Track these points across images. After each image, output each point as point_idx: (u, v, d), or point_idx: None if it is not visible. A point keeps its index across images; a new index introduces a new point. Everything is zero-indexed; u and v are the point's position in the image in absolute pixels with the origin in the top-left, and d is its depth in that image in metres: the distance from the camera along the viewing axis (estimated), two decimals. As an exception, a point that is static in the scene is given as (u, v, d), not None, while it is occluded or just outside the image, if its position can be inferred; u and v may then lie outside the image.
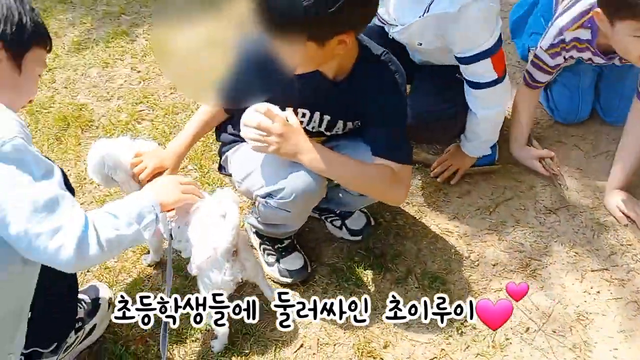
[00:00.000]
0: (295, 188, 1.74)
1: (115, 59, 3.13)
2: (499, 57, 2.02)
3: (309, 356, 1.86)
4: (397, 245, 2.18)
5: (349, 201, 1.99)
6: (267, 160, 1.83)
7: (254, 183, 1.84)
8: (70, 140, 2.62)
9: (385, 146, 1.76)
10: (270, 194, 1.78)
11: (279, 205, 1.79)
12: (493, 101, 2.14)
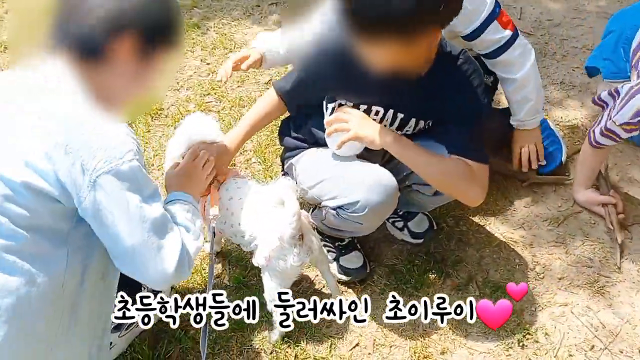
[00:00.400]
0: (369, 202, 1.72)
1: (186, 50, 3.20)
2: (502, 16, 2.01)
3: (364, 356, 1.85)
4: (459, 252, 2.14)
5: (421, 201, 1.96)
6: (340, 171, 1.83)
7: (325, 192, 1.83)
8: (140, 126, 2.70)
9: (462, 145, 1.73)
10: (342, 206, 1.78)
11: (351, 218, 1.78)
12: (521, 57, 2.09)
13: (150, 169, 2.49)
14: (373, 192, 1.72)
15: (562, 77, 2.88)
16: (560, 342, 1.86)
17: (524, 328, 1.89)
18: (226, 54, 3.15)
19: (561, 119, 2.65)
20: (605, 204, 2.19)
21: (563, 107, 2.71)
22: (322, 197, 1.84)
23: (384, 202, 1.74)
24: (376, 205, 1.73)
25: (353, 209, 1.74)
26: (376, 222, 1.86)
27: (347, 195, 1.74)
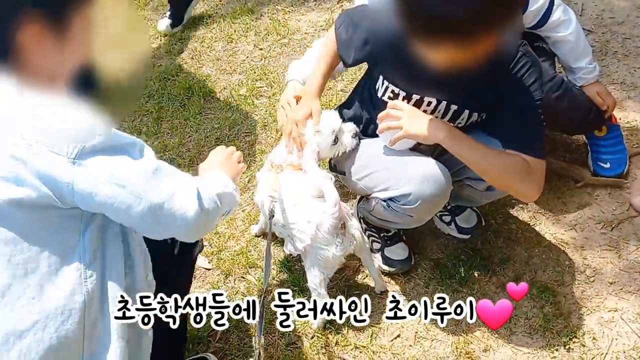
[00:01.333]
0: (421, 195, 1.71)
1: (239, 35, 3.23)
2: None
3: (405, 347, 1.84)
4: (507, 250, 2.10)
5: (473, 196, 1.94)
6: (392, 163, 1.81)
7: (376, 184, 1.82)
8: (193, 108, 2.75)
9: (518, 138, 1.68)
10: (393, 198, 1.77)
11: (401, 210, 1.77)
12: (565, 15, 2.12)
13: (200, 150, 2.54)
14: (425, 184, 1.70)
15: (622, 77, 2.77)
16: (608, 347, 1.81)
17: (571, 331, 1.85)
18: (279, 40, 3.16)
19: (620, 120, 2.55)
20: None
21: (622, 108, 2.62)
22: (373, 189, 1.83)
23: (437, 195, 1.72)
24: (428, 198, 1.71)
25: (405, 201, 1.73)
26: (427, 215, 1.85)
27: (400, 187, 1.74)
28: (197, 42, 3.20)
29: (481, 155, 1.68)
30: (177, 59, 3.08)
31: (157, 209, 1.18)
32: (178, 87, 2.87)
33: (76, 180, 1.10)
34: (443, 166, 1.75)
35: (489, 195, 1.91)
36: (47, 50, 1.09)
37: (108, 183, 1.13)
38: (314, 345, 1.83)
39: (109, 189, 1.13)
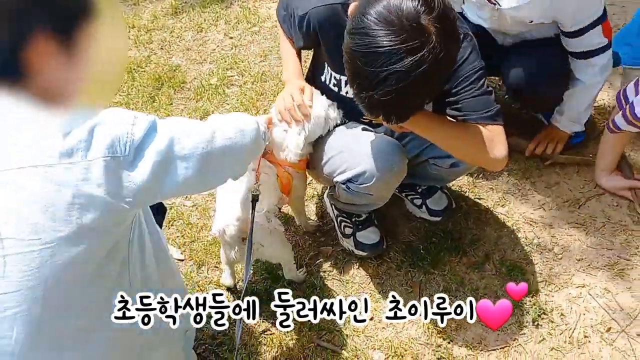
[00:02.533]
0: (375, 171, 1.73)
1: (209, 24, 3.21)
2: (607, 23, 2.04)
3: (377, 330, 1.87)
4: (477, 230, 2.13)
5: (439, 175, 1.95)
6: (347, 145, 1.82)
7: (335, 168, 1.83)
8: (163, 99, 2.73)
9: (473, 110, 1.68)
10: (351, 179, 1.78)
11: (360, 190, 1.79)
12: (602, 67, 2.13)
13: (171, 141, 2.52)
14: (378, 160, 1.72)
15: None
16: (575, 323, 1.85)
17: (540, 308, 1.89)
18: (249, 28, 3.15)
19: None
20: (632, 188, 2.18)
21: (590, 88, 2.65)
22: (333, 174, 1.84)
23: (391, 169, 1.74)
24: (383, 173, 1.73)
25: (362, 180, 1.75)
26: (386, 192, 1.86)
27: (354, 167, 1.76)
28: (166, 32, 3.17)
29: (445, 132, 1.69)
30: (145, 50, 3.05)
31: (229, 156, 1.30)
32: (147, 78, 2.84)
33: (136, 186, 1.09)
34: (395, 141, 1.78)
35: (455, 172, 1.93)
36: (56, 69, 1.04)
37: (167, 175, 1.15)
38: (288, 331, 1.85)
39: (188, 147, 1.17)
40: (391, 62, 1.33)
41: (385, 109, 1.45)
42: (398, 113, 1.49)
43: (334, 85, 1.85)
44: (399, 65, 1.33)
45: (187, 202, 2.27)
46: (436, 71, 1.38)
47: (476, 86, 1.68)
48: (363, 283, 2.00)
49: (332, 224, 2.16)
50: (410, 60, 1.32)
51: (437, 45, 1.33)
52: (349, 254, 2.07)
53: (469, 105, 1.68)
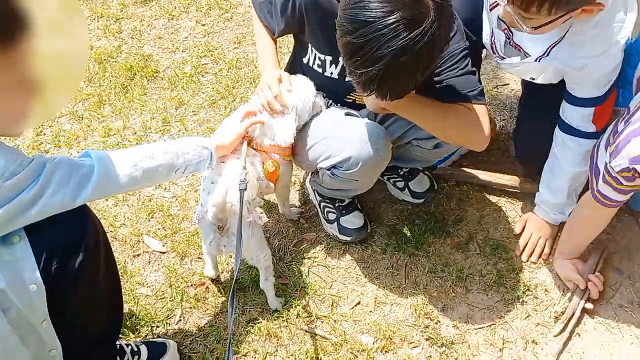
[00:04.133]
0: (360, 156, 1.72)
1: (180, 11, 3.14)
2: (604, 108, 1.75)
3: (365, 314, 1.86)
4: (460, 211, 2.14)
5: (423, 156, 1.95)
6: (330, 131, 1.80)
7: (319, 154, 1.82)
8: (136, 89, 2.66)
9: (455, 90, 1.69)
10: (335, 165, 1.77)
11: (346, 176, 1.78)
12: (583, 157, 1.83)
13: (146, 131, 2.47)
14: (363, 146, 1.71)
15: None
16: (560, 297, 1.88)
17: (524, 285, 1.91)
18: (222, 15, 3.09)
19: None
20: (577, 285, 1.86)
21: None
22: (317, 160, 1.83)
23: (376, 154, 1.73)
24: (368, 159, 1.72)
25: (347, 166, 1.74)
26: (371, 177, 1.85)
27: (339, 153, 1.74)
28: (136, 21, 3.09)
29: (429, 113, 1.69)
30: (116, 40, 2.97)
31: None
32: (119, 68, 2.77)
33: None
34: (379, 126, 1.76)
35: (438, 153, 1.93)
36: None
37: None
38: (276, 319, 1.83)
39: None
40: (390, 36, 1.32)
41: (382, 85, 1.42)
42: (394, 90, 1.46)
43: (318, 66, 1.83)
44: (398, 40, 1.32)
45: (167, 194, 2.23)
46: (433, 47, 1.36)
47: (460, 66, 1.68)
48: (349, 268, 1.99)
49: (315, 210, 2.14)
50: (410, 35, 1.31)
51: (435, 20, 1.33)
52: (333, 239, 2.06)
53: (453, 84, 1.68)
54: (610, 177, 1.58)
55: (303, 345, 1.77)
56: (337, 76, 1.79)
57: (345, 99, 1.87)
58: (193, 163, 1.55)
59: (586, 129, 1.79)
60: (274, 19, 1.85)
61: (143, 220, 2.13)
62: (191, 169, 1.55)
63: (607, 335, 1.78)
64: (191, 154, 1.54)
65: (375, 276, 1.96)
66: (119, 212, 2.17)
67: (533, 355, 1.74)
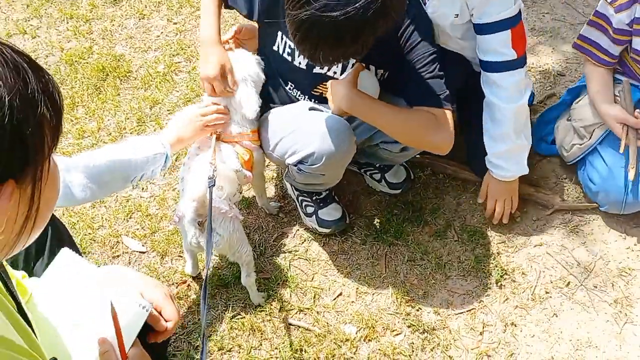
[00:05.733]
0: (324, 151, 1.72)
1: (151, 10, 3.11)
2: (519, 31, 1.77)
3: (348, 304, 1.88)
4: (437, 199, 2.17)
5: (391, 158, 1.99)
6: (296, 126, 1.80)
7: (285, 150, 1.82)
8: (109, 90, 2.64)
9: (420, 94, 1.71)
10: (301, 160, 1.77)
11: (311, 170, 1.79)
12: (516, 88, 1.83)
13: (121, 132, 2.45)
14: (326, 140, 1.72)
15: (532, 23, 2.88)
16: (536, 280, 1.92)
17: (502, 269, 1.94)
18: (193, 12, 3.07)
19: (533, 64, 2.66)
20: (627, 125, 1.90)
21: (534, 54, 2.72)
22: (284, 156, 1.83)
23: (339, 148, 1.74)
24: (332, 153, 1.73)
25: (311, 161, 1.75)
26: (338, 171, 1.87)
27: (303, 148, 1.75)
28: (106, 21, 3.06)
29: (390, 118, 1.71)
30: (86, 41, 2.94)
31: None
32: (91, 69, 2.74)
33: None
34: (342, 119, 1.75)
35: (405, 155, 1.97)
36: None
37: None
38: (259, 314, 1.84)
39: None
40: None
41: (308, 37, 1.41)
42: (327, 49, 1.44)
43: (287, 54, 1.82)
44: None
45: (144, 194, 2.22)
46: (367, 11, 1.35)
47: (429, 69, 1.70)
48: (329, 260, 2.00)
49: (294, 204, 2.15)
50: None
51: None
52: (313, 232, 2.08)
53: (420, 88, 1.70)
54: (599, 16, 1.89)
55: (287, 338, 1.78)
56: (305, 67, 1.80)
57: (312, 91, 1.87)
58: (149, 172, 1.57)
59: (510, 57, 1.78)
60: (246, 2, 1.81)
61: (121, 221, 2.12)
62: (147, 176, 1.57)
63: (583, 315, 1.82)
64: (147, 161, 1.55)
65: (355, 267, 1.98)
66: (96, 213, 2.15)
67: (512, 337, 1.78)
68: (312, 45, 1.44)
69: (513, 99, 1.84)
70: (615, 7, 1.85)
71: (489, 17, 1.76)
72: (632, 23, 1.85)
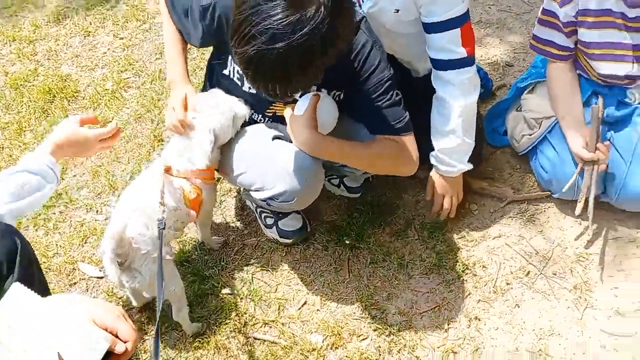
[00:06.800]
0: (295, 190, 1.71)
1: (96, 26, 3.05)
2: (468, 29, 1.79)
3: (312, 313, 1.87)
4: (395, 199, 2.17)
5: (355, 176, 2.02)
6: (261, 158, 1.77)
7: (251, 182, 1.79)
8: (57, 112, 2.57)
9: (380, 122, 1.70)
10: (271, 197, 1.75)
11: (282, 206, 1.78)
12: (465, 86, 1.84)
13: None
14: (297, 178, 1.70)
15: (479, 16, 2.91)
16: (497, 272, 1.94)
17: (463, 264, 1.96)
18: (139, 27, 3.02)
19: (481, 56, 2.69)
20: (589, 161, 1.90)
21: (482, 46, 2.75)
22: (250, 187, 1.81)
23: (311, 186, 1.74)
24: (303, 191, 1.73)
25: (283, 199, 1.74)
26: (309, 201, 1.85)
27: (272, 186, 1.73)
28: (50, 41, 2.98)
29: (357, 158, 1.73)
30: (31, 63, 2.86)
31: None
32: (37, 92, 2.67)
33: None
34: (309, 157, 1.70)
35: (368, 173, 2.01)
36: None
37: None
38: (223, 331, 1.82)
39: None
40: (269, 13, 1.28)
41: (258, 71, 1.36)
42: (280, 83, 1.39)
43: (237, 79, 1.80)
44: (273, 21, 1.28)
45: (100, 217, 2.17)
46: (313, 41, 1.31)
47: (386, 97, 1.69)
48: (292, 269, 1.99)
49: (253, 215, 2.13)
50: (287, 19, 1.28)
51: (324, 16, 1.29)
52: (274, 242, 2.06)
53: (379, 118, 1.70)
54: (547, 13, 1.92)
55: (253, 354, 1.77)
56: (256, 90, 1.78)
57: (266, 112, 1.85)
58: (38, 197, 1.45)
59: (459, 55, 1.79)
60: (192, 23, 1.78)
61: (76, 247, 2.07)
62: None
63: (544, 304, 1.85)
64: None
65: (319, 274, 1.97)
66: (50, 241, 2.09)
67: (477, 332, 1.80)
68: (265, 80, 1.40)
69: (463, 96, 1.85)
70: (559, 2, 1.87)
71: (438, 16, 1.76)
72: (577, 15, 1.88)
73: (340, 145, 1.68)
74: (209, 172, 1.79)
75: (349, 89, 1.74)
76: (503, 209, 2.12)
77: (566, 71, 2.01)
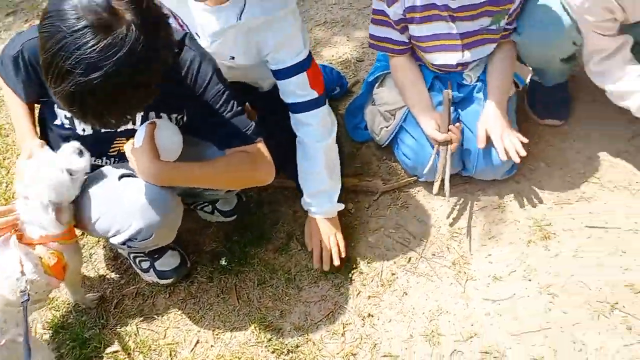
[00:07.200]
0: (151, 224, 1.64)
1: None
2: (314, 71, 1.85)
3: (206, 351, 1.80)
4: (273, 214, 2.15)
5: (217, 197, 1.97)
6: (110, 200, 1.67)
7: (106, 228, 1.68)
8: None
9: (226, 136, 1.67)
10: (129, 239, 1.66)
11: (143, 245, 1.70)
12: (322, 126, 1.90)
13: None
14: (151, 213, 1.62)
15: (323, 17, 2.96)
16: (381, 265, 1.97)
17: (348, 264, 1.97)
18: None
19: (332, 56, 2.74)
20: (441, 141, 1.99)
21: (331, 46, 2.80)
22: (107, 234, 1.70)
23: (167, 216, 1.67)
24: (160, 223, 1.65)
25: (141, 237, 1.66)
26: (170, 235, 1.79)
27: (127, 227, 1.64)
28: None
29: (208, 176, 1.67)
30: None
31: None
32: None
33: None
34: (159, 187, 1.63)
35: (231, 192, 1.98)
36: None
37: None
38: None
39: None
40: (78, 44, 1.21)
41: (84, 106, 1.28)
42: (110, 110, 1.32)
43: (68, 125, 1.69)
44: (86, 49, 1.21)
45: None
46: (136, 61, 1.25)
47: (227, 108, 1.66)
48: (179, 310, 1.91)
49: (128, 262, 2.02)
50: (99, 42, 1.21)
51: (132, 30, 1.23)
52: (155, 286, 1.96)
53: (227, 131, 1.66)
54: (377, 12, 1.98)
55: (150, 409, 1.67)
56: (91, 131, 1.68)
57: (109, 153, 1.75)
58: None
59: (311, 96, 1.84)
60: (12, 78, 1.68)
61: None
62: None
63: (429, 285, 1.91)
64: None
65: (208, 308, 1.91)
66: None
67: (372, 328, 1.82)
68: (94, 113, 1.32)
69: (323, 137, 1.91)
70: (387, 1, 1.94)
71: (283, 64, 1.81)
72: (405, 12, 1.94)
73: (188, 169, 1.63)
74: (68, 232, 1.67)
75: (189, 109, 1.69)
76: (377, 201, 2.16)
77: (407, 63, 2.10)
